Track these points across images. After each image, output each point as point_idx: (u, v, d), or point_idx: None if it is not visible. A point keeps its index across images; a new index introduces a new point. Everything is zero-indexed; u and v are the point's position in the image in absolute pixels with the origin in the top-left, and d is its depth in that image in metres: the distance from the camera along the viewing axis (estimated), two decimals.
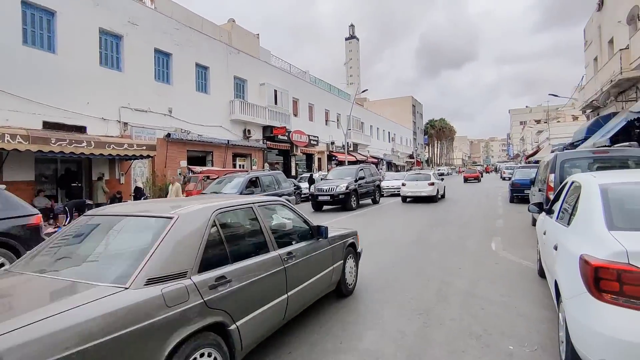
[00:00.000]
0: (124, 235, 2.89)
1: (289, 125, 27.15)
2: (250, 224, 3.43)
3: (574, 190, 3.43)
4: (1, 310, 2.09)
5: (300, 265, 3.62)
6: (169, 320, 2.19)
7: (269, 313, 3.09)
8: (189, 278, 2.43)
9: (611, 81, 15.01)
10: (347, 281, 4.67)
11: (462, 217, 11.97)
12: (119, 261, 2.53)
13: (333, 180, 14.97)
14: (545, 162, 7.62)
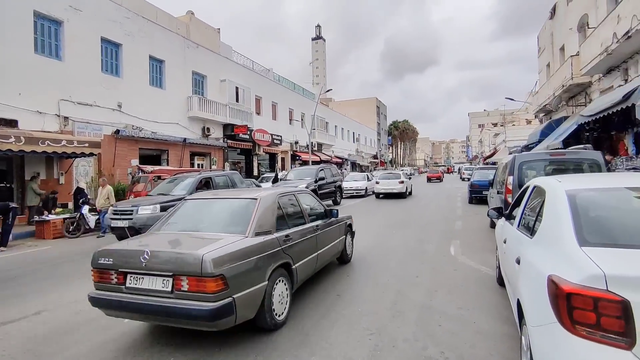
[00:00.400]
0: (229, 210, 4.38)
1: (251, 123, 26.34)
2: (295, 205, 4.91)
3: (536, 195, 3.14)
4: (188, 245, 3.57)
5: (322, 235, 5.18)
6: (267, 256, 3.72)
7: (309, 262, 4.68)
8: (272, 234, 3.98)
9: (563, 86, 15.55)
10: (347, 251, 6.47)
11: (423, 218, 11.85)
12: (235, 223, 3.97)
13: (293, 181, 14.46)
14: (504, 164, 7.52)
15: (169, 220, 4.32)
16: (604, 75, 13.09)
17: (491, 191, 8.86)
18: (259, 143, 27.41)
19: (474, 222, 10.66)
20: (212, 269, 3.06)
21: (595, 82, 14.08)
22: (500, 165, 8.13)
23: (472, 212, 12.93)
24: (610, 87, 12.72)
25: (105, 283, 3.50)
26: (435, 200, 18.06)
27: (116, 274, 3.43)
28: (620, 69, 11.80)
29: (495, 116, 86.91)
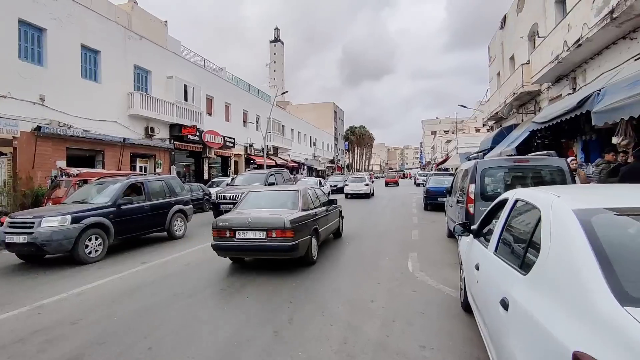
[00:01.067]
0: (282, 196, 7.15)
1: (202, 124, 24.79)
2: (315, 195, 7.80)
3: (523, 213, 2.45)
4: (271, 214, 6.28)
5: (329, 215, 8.01)
6: (309, 222, 6.46)
7: (325, 230, 7.52)
8: (309, 210, 6.75)
9: (514, 94, 15.79)
10: (340, 230, 9.35)
11: (378, 226, 11.26)
12: (290, 204, 6.71)
13: (239, 187, 13.36)
14: (463, 170, 7.02)
15: (242, 205, 7.17)
16: (553, 84, 13.33)
17: (449, 199, 8.37)
18: (209, 145, 25.86)
19: (430, 231, 10.20)
20: (290, 225, 5.81)
21: (545, 91, 14.36)
22: (459, 171, 7.66)
23: (428, 220, 12.55)
24: (558, 96, 12.93)
25: (221, 237, 6.16)
26: (391, 205, 17.71)
27: (229, 231, 6.09)
28: (568, 77, 11.99)
29: (447, 124, 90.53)
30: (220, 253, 6.31)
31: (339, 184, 27.93)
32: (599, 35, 8.98)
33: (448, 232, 8.93)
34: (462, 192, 6.49)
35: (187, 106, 23.46)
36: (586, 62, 10.82)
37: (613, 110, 6.52)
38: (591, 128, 10.57)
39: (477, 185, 5.86)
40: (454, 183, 8.41)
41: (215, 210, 12.88)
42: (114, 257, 7.62)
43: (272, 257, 6.46)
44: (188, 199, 10.37)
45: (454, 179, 8.50)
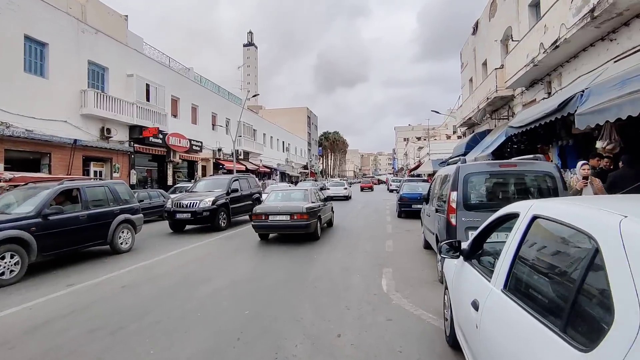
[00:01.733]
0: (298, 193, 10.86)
1: (166, 126, 23.35)
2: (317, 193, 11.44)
3: (556, 242, 1.68)
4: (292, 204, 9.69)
5: (326, 208, 11.30)
6: (315, 210, 9.78)
7: (324, 218, 10.96)
8: (315, 203, 10.00)
9: (487, 99, 15.53)
10: (332, 220, 12.51)
11: (351, 236, 10.46)
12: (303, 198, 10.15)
13: (198, 194, 12.24)
14: (443, 176, 6.31)
15: (269, 199, 10.67)
16: (527, 88, 13.08)
17: (426, 207, 7.67)
18: (174, 149, 24.43)
19: (405, 241, 9.50)
20: (305, 210, 9.13)
21: (518, 96, 14.13)
22: (437, 177, 6.97)
23: (402, 229, 11.89)
24: (533, 101, 12.68)
25: (258, 219, 9.36)
26: (365, 213, 17.03)
27: (264, 215, 9.31)
28: (543, 81, 11.72)
29: (419, 131, 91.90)
30: (257, 230, 9.74)
31: None
32: (577, 36, 8.63)
33: (424, 243, 8.24)
34: (442, 200, 5.77)
35: (150, 107, 22.01)
36: (562, 65, 10.53)
37: (599, 112, 6.01)
38: (568, 133, 10.27)
39: (460, 192, 5.15)
40: (431, 189, 7.73)
41: (171, 220, 11.70)
42: (36, 278, 6.40)
43: (293, 233, 9.64)
44: (137, 208, 9.19)
45: (431, 185, 7.82)
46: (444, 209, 5.52)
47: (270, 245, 9.51)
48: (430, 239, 6.82)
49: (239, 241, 10.04)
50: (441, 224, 5.54)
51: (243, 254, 8.28)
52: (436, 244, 6.09)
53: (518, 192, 5.24)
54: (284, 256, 7.94)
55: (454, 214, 5.16)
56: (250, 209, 14.35)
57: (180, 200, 11.68)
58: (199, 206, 11.36)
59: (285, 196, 10.70)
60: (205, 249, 8.91)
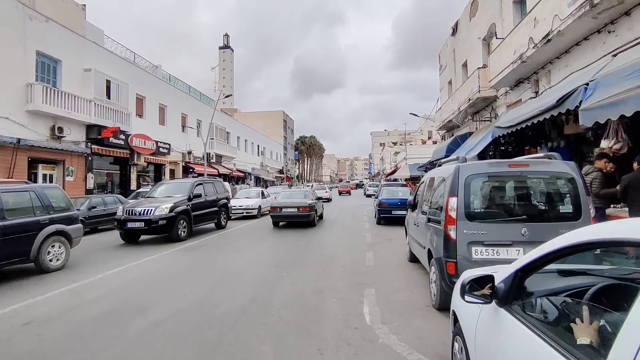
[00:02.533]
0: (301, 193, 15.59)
1: (129, 126, 21.63)
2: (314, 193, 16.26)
3: None
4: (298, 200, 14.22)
5: (318, 204, 15.65)
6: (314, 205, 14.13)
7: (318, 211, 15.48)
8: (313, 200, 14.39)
9: (469, 100, 14.88)
10: (322, 214, 16.84)
11: (326, 247, 9.36)
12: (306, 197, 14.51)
13: (155, 200, 10.86)
14: (435, 178, 5.29)
15: (280, 196, 15.20)
16: (512, 88, 12.46)
17: (413, 216, 6.64)
18: (138, 151, 22.69)
19: (387, 253, 8.48)
20: (308, 204, 13.38)
21: (502, 96, 13.52)
22: (426, 179, 5.96)
23: (383, 237, 10.90)
24: (518, 101, 12.05)
25: (275, 211, 13.59)
26: (342, 219, 16.00)
27: (279, 208, 13.51)
28: (530, 80, 11.08)
29: (395, 136, 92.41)
30: (273, 219, 13.78)
31: (246, 202, 18.72)
32: (572, 28, 7.93)
33: (410, 255, 7.23)
34: (437, 209, 4.76)
35: (110, 105, 20.27)
36: (551, 62, 9.88)
37: (611, 106, 5.19)
38: (559, 133, 9.61)
39: (461, 198, 4.15)
40: (417, 194, 6.74)
41: (122, 230, 10.24)
42: None
43: (298, 220, 13.55)
44: (74, 217, 7.75)
45: (418, 189, 6.83)
46: (439, 219, 4.51)
47: (235, 257, 8.28)
48: (420, 253, 5.80)
49: (198, 254, 8.73)
50: (437, 237, 4.52)
51: (200, 270, 7.02)
52: (428, 261, 5.08)
53: (531, 197, 4.30)
54: (247, 272, 6.75)
55: (453, 226, 4.15)
56: (216, 217, 13.08)
57: (133, 208, 10.24)
58: (154, 214, 9.97)
59: (292, 195, 15.18)
60: (155, 265, 7.58)
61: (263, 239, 11.16)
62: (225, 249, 9.40)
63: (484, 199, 4.36)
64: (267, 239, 11.00)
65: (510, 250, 4.01)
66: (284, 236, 11.62)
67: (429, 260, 5.04)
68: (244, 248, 9.52)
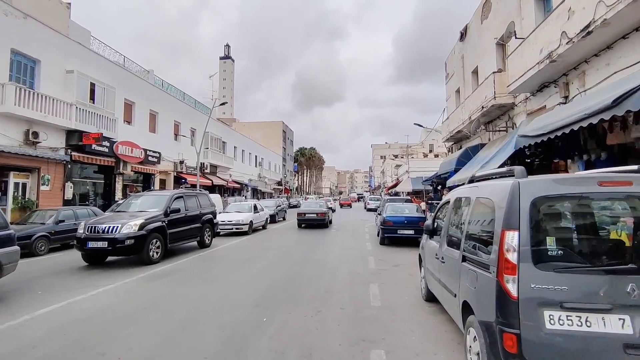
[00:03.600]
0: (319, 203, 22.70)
1: (115, 133, 20.25)
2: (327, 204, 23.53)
3: None
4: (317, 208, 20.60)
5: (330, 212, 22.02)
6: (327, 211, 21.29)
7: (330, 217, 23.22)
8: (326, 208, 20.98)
9: (482, 108, 13.50)
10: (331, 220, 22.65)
11: (322, 275, 7.82)
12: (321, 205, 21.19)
13: (123, 215, 9.35)
14: (478, 200, 3.71)
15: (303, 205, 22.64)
16: (534, 93, 11.08)
17: (432, 244, 5.10)
18: (124, 159, 21.24)
19: (396, 285, 6.94)
20: (324, 211, 19.69)
21: (520, 104, 12.14)
22: (451, 198, 4.47)
23: (388, 262, 9.35)
24: (542, 108, 10.65)
25: (300, 217, 19.72)
26: (340, 237, 14.45)
27: (303, 214, 19.67)
28: (558, 83, 9.69)
29: (396, 149, 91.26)
30: (299, 222, 19.61)
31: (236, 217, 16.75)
32: (622, 15, 6.56)
33: (426, 293, 5.70)
34: (480, 244, 3.27)
35: (94, 110, 18.91)
36: (587, 61, 8.50)
37: None
38: (598, 144, 8.18)
39: (525, 233, 2.67)
40: (438, 216, 5.25)
41: (81, 250, 8.70)
42: None
43: (317, 223, 19.38)
44: (7, 237, 6.22)
45: (439, 211, 5.32)
46: (486, 262, 3.01)
47: (211, 288, 6.73)
48: (447, 300, 4.28)
49: (167, 284, 7.18)
50: (482, 288, 3.02)
51: (160, 311, 5.48)
52: (463, 317, 3.55)
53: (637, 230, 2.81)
54: (218, 315, 5.21)
55: (513, 276, 2.66)
56: (199, 234, 11.53)
57: (96, 224, 8.72)
58: (120, 232, 8.46)
59: (311, 205, 21.22)
60: (106, 300, 6.03)
61: (250, 261, 9.61)
62: (201, 276, 7.84)
63: (561, 234, 2.86)
64: (255, 262, 9.44)
65: (610, 318, 2.51)
66: (275, 257, 10.08)
67: (463, 317, 3.52)
68: (224, 275, 7.97)
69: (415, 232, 12.01)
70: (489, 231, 3.08)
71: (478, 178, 4.19)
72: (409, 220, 12.13)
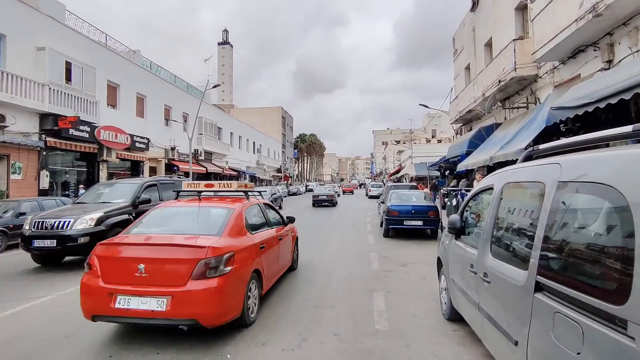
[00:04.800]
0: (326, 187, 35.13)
1: (96, 117, 18.74)
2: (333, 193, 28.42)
3: None
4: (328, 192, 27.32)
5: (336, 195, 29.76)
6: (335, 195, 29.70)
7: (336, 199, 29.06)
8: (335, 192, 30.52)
9: (499, 82, 11.87)
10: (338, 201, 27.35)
11: (314, 279, 6.40)
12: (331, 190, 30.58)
13: (80, 207, 7.89)
14: (551, 184, 2.21)
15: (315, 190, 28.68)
16: (564, 61, 9.45)
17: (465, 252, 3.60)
18: (108, 145, 19.74)
19: (406, 295, 5.50)
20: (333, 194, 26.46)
21: (546, 75, 10.52)
22: (500, 180, 2.98)
23: (394, 261, 7.91)
24: (574, 78, 9.05)
25: (315, 198, 25.40)
26: (340, 228, 13.01)
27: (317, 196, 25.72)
28: (599, 45, 8.07)
29: (398, 134, 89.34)
30: (313, 202, 25.03)
31: None
32: None
33: (449, 310, 4.25)
34: (585, 268, 1.77)
35: (72, 91, 17.34)
36: (639, 14, 6.88)
37: None
38: None
39: None
40: (473, 212, 3.75)
41: (26, 249, 7.26)
42: None
43: (328, 204, 24.73)
44: None
45: (470, 203, 3.81)
46: (614, 314, 1.50)
47: None
48: (494, 341, 2.82)
49: None
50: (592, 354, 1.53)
51: (100, 329, 4.06)
52: None
53: None
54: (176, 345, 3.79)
55: None
56: None
57: (44, 219, 7.26)
58: (72, 228, 7.02)
59: (322, 189, 28.35)
60: (35, 318, 4.61)
61: None
62: None
63: None
64: None
65: None
66: None
67: None
68: None
69: (424, 223, 10.57)
70: (617, 247, 1.58)
71: (543, 151, 2.67)
72: (416, 209, 10.66)
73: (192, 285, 3.50)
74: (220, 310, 3.63)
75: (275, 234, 5.60)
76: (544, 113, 8.89)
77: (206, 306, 3.51)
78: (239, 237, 4.30)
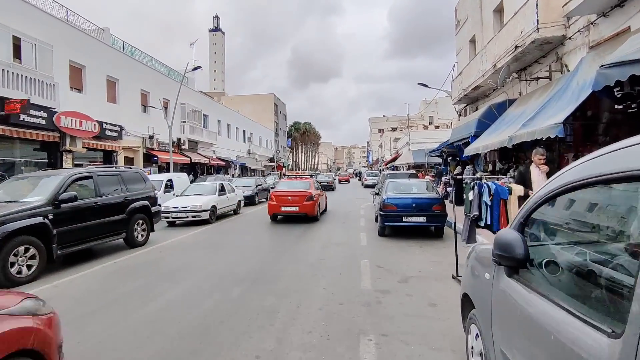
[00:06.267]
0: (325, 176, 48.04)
1: (56, 102, 16.59)
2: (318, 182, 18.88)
3: None
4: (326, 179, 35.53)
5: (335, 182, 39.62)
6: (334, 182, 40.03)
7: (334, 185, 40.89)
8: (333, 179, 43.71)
9: (515, 48, 9.84)
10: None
11: (275, 317, 4.48)
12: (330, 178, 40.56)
13: None
14: None
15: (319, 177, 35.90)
16: (605, 14, 7.43)
17: (553, 314, 1.73)
18: (71, 134, 17.60)
19: (412, 345, 3.58)
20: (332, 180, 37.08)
21: (578, 35, 8.48)
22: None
23: (392, 274, 5.97)
24: (621, 32, 7.04)
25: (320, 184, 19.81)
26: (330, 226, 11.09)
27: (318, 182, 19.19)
28: None
29: (394, 122, 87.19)
30: None
31: (192, 202, 12.85)
32: None
33: (474, 354, 2.32)
34: None
35: (21, 71, 15.16)
36: None
37: None
38: None
39: None
40: (542, 217, 1.77)
41: None
42: None
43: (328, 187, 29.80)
44: None
45: (539, 206, 1.85)
46: None
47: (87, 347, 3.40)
48: None
49: None
50: None
51: None
52: None
53: None
54: None
55: None
56: (124, 229, 8.11)
57: None
58: None
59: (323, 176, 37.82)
60: None
61: (186, 269, 6.27)
62: (73, 311, 4.48)
63: None
64: (191, 273, 6.09)
65: None
66: (217, 267, 6.72)
67: None
68: (134, 304, 4.62)
69: (427, 220, 8.64)
70: None
71: None
72: (418, 202, 8.71)
73: (305, 203, 11.83)
74: (314, 211, 12.14)
75: (321, 192, 13.92)
76: (580, 79, 6.92)
77: (310, 210, 11.90)
78: (314, 190, 12.80)
